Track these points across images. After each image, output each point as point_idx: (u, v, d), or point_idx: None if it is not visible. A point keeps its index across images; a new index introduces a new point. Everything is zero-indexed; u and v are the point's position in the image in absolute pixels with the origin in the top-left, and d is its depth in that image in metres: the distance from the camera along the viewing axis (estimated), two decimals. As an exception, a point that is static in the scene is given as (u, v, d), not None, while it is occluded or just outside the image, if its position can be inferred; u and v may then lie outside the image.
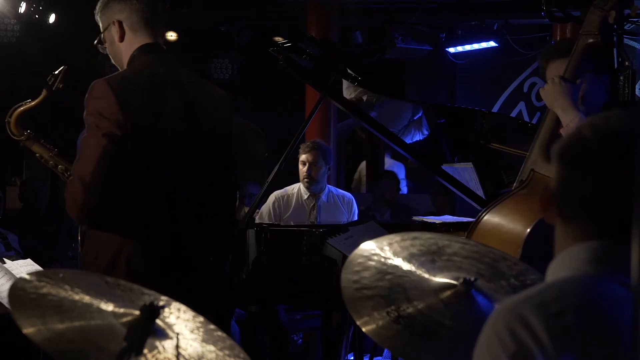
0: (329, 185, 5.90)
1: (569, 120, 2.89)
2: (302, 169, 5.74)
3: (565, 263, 1.52)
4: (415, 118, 8.15)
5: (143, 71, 2.84)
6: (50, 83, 3.08)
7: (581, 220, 1.52)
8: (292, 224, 5.56)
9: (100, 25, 2.99)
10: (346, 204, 5.85)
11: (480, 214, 3.07)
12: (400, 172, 9.24)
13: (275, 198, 5.80)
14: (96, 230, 2.78)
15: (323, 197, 5.79)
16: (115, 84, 2.73)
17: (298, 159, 5.80)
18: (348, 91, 6.95)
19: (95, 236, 2.78)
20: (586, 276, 1.47)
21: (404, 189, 9.19)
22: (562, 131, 2.91)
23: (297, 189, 5.85)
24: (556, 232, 1.57)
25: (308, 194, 5.77)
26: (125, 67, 2.92)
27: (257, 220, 5.72)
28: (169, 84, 2.83)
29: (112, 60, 3.01)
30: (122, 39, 2.91)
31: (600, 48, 2.96)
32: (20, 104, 3.04)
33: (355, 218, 5.86)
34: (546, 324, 1.37)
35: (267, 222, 5.65)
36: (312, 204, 5.77)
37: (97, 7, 3.00)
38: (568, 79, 2.96)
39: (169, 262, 2.78)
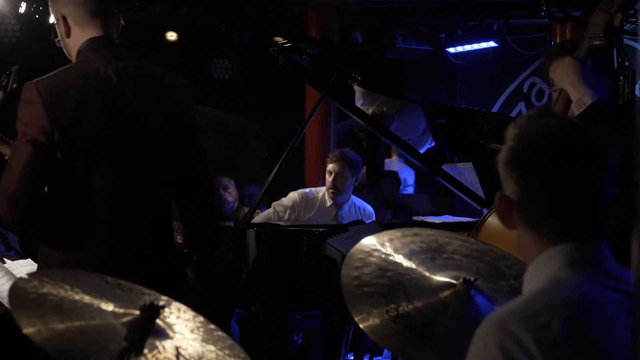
0: (353, 196, 5.86)
1: (581, 95, 2.85)
2: (328, 179, 5.67)
3: (543, 270, 1.51)
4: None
5: (79, 70, 2.69)
6: (3, 84, 3.04)
7: (549, 225, 1.52)
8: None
9: (53, 18, 2.85)
10: (366, 217, 5.82)
11: (485, 215, 3.06)
12: (410, 177, 9.24)
13: (301, 196, 5.76)
14: (42, 241, 2.68)
15: (345, 207, 5.75)
16: (44, 87, 2.60)
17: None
18: (365, 107, 6.94)
19: (41, 247, 2.69)
20: (568, 283, 1.47)
21: (411, 192, 9.20)
22: (573, 106, 2.87)
23: (323, 193, 5.81)
24: (522, 239, 1.57)
25: (331, 202, 5.73)
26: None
27: (274, 204, 5.70)
28: (108, 81, 2.66)
29: (66, 55, 2.86)
30: (68, 34, 2.77)
31: (605, 51, 2.93)
32: None
33: None
34: (535, 337, 1.37)
35: (283, 213, 5.63)
36: (334, 213, 5.73)
37: (49, 0, 2.84)
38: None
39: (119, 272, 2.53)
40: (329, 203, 5.77)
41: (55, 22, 2.84)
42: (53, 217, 2.64)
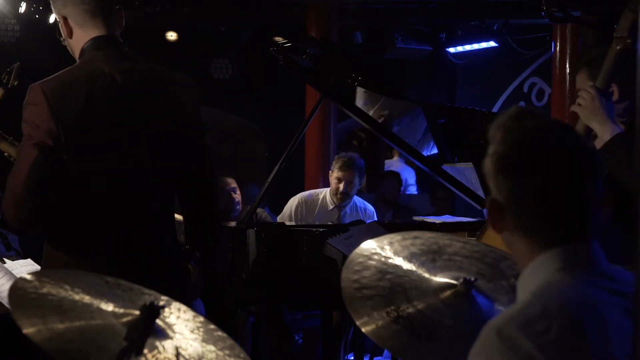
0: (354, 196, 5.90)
1: (605, 133, 2.82)
2: (337, 186, 5.71)
3: (537, 275, 1.51)
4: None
5: (84, 71, 2.67)
6: (4, 81, 3.03)
7: (540, 229, 1.51)
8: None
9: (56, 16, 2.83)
10: (367, 217, 5.86)
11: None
12: (411, 176, 9.24)
13: (300, 200, 5.80)
14: (47, 242, 2.68)
15: (347, 209, 5.80)
16: (49, 89, 2.58)
17: (331, 170, 5.79)
18: (365, 107, 6.95)
19: (46, 248, 2.69)
20: (564, 286, 1.47)
21: (413, 192, 9.20)
22: (596, 143, 2.83)
23: (324, 195, 5.84)
24: (514, 245, 1.55)
25: (334, 204, 5.76)
26: None
27: (278, 219, 5.76)
28: (113, 82, 2.65)
29: (71, 53, 2.84)
30: (70, 35, 2.75)
31: (630, 53, 2.87)
32: None
33: None
34: (536, 343, 1.37)
35: (287, 222, 5.67)
36: (336, 215, 5.76)
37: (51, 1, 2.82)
38: (601, 88, 2.86)
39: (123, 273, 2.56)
40: (331, 206, 5.78)
41: (58, 21, 2.83)
42: (59, 218, 2.64)
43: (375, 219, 5.93)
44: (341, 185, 5.68)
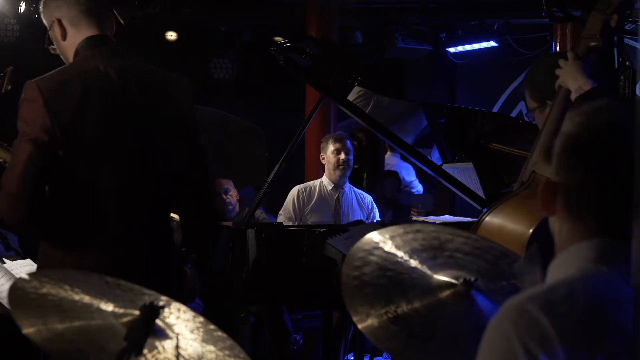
0: (351, 185, 5.99)
1: (580, 84, 2.88)
2: (337, 157, 5.88)
3: (571, 261, 1.50)
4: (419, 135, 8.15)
5: (79, 68, 2.69)
6: None
7: (591, 217, 1.51)
8: (313, 216, 5.64)
9: (46, 25, 2.85)
10: (365, 205, 5.93)
11: (482, 214, 3.07)
12: (408, 174, 9.23)
13: (298, 190, 5.89)
14: (42, 240, 2.68)
15: (346, 188, 5.96)
16: (45, 86, 2.60)
17: (324, 150, 5.97)
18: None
19: (42, 246, 2.69)
20: (596, 277, 1.47)
21: (419, 189, 9.19)
22: (572, 96, 2.90)
23: (320, 182, 5.95)
24: (559, 227, 1.56)
25: (332, 185, 5.89)
26: None
27: (280, 213, 5.82)
28: (107, 79, 2.67)
29: (63, 59, 2.86)
30: (64, 37, 2.78)
31: (602, 52, 2.96)
32: None
33: (377, 219, 5.90)
34: (553, 322, 1.37)
35: (291, 214, 5.77)
36: (336, 196, 5.86)
37: (40, 7, 2.85)
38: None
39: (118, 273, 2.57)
40: (329, 187, 5.84)
41: (49, 28, 2.84)
42: (54, 216, 2.63)
43: (375, 209, 5.97)
44: (342, 155, 5.86)
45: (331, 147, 5.89)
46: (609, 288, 1.45)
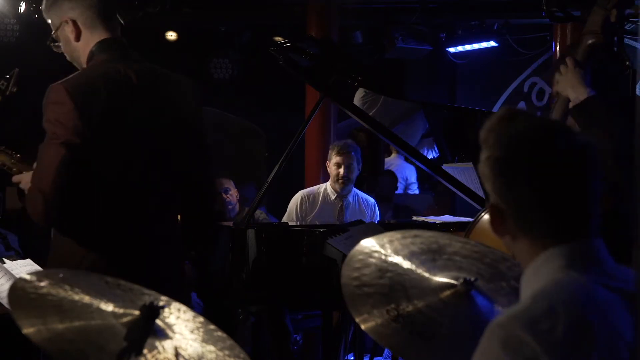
0: (354, 188, 5.93)
1: (578, 94, 2.85)
2: (337, 171, 5.76)
3: (540, 273, 1.50)
4: (425, 133, 8.17)
5: (101, 70, 2.71)
6: (3, 88, 2.99)
7: (542, 229, 1.51)
8: (317, 223, 5.61)
9: (51, 23, 2.85)
10: (369, 208, 5.89)
11: (479, 213, 3.07)
12: (412, 174, 9.24)
13: (302, 197, 5.84)
14: (62, 236, 2.71)
15: (350, 198, 5.85)
16: (72, 88, 2.62)
17: (328, 159, 5.84)
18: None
19: (61, 242, 2.72)
20: (569, 285, 1.46)
21: (415, 191, 9.20)
22: (570, 105, 2.87)
23: (324, 188, 5.88)
24: (516, 245, 1.55)
25: (335, 194, 5.80)
26: (84, 65, 2.81)
27: (283, 220, 5.79)
28: (129, 81, 2.72)
29: (69, 59, 2.88)
30: (77, 38, 2.78)
31: (603, 48, 2.93)
32: None
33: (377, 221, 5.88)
34: (540, 341, 1.37)
35: (295, 221, 5.73)
36: (339, 205, 5.80)
37: (44, 5, 2.84)
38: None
39: (136, 270, 2.63)
40: (333, 196, 5.81)
41: (57, 26, 2.83)
42: (80, 215, 2.66)
43: (377, 211, 5.96)
44: (341, 170, 5.74)
45: (333, 159, 5.79)
46: (586, 294, 1.45)
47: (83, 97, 2.61)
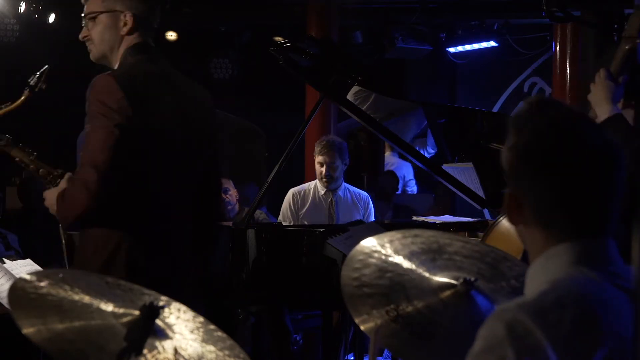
0: (345, 183, 5.91)
1: (601, 113, 2.80)
2: (320, 170, 5.75)
3: (549, 266, 1.49)
4: (418, 133, 8.15)
5: (140, 69, 2.82)
6: (32, 84, 2.98)
7: (559, 221, 1.49)
8: (308, 221, 5.62)
9: (101, 3, 2.86)
10: (362, 202, 5.89)
11: (497, 217, 3.04)
12: (408, 172, 9.24)
13: (293, 194, 5.86)
14: (91, 228, 2.76)
15: (340, 192, 5.84)
16: (120, 79, 2.72)
17: (314, 156, 5.83)
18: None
19: (91, 233, 2.76)
20: (578, 280, 1.46)
21: (413, 189, 9.20)
22: (597, 120, 2.81)
23: (314, 185, 5.89)
24: (528, 235, 1.53)
25: (325, 189, 5.80)
26: (109, 57, 2.88)
27: (279, 219, 5.81)
28: (164, 82, 2.84)
29: (95, 48, 2.89)
30: (131, 31, 2.84)
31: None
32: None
33: (372, 217, 5.87)
34: (545, 332, 1.36)
35: (290, 219, 5.75)
36: (329, 200, 5.81)
37: None
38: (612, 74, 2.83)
39: (161, 261, 2.78)
40: (322, 192, 5.81)
41: (107, 10, 2.85)
42: (121, 199, 2.71)
43: (371, 205, 5.95)
44: (323, 169, 5.71)
45: (316, 158, 5.78)
46: (595, 290, 1.44)
47: (130, 88, 2.71)
